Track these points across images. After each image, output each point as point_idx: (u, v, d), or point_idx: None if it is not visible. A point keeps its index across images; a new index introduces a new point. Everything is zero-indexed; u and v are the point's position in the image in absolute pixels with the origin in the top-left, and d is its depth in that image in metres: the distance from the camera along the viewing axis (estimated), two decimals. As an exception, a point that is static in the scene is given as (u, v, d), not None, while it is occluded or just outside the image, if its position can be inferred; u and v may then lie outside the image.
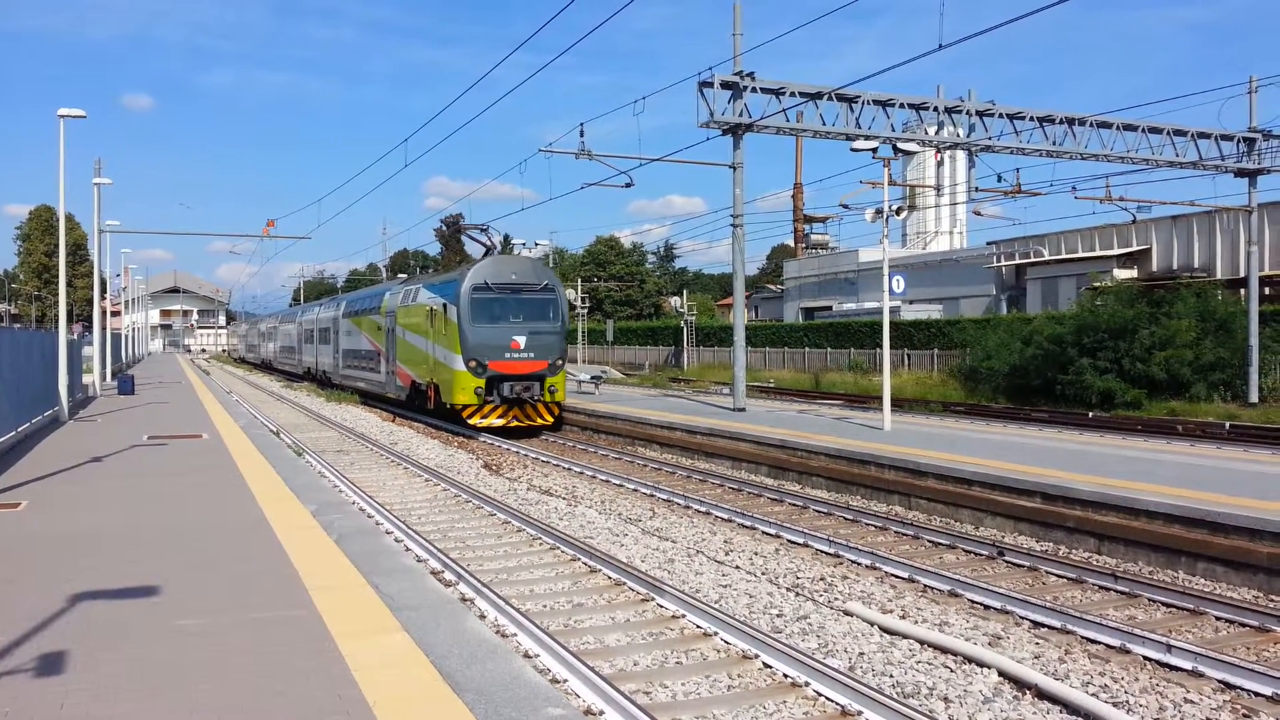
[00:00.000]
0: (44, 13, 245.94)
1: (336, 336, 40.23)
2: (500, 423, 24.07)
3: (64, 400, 24.47)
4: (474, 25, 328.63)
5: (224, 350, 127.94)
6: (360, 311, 36.25)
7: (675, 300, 65.44)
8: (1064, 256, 44.66)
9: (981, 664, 7.48)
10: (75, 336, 34.08)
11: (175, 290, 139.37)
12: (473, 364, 23.60)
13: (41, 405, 22.81)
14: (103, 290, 45.97)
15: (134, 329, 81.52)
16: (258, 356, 74.31)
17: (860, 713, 6.53)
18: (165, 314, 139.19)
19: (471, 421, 23.97)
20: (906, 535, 12.72)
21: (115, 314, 74.65)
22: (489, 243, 27.79)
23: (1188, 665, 7.55)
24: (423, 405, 27.59)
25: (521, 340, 23.92)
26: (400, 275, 57.34)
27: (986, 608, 9.30)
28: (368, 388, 34.86)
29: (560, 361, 24.50)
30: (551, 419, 24.67)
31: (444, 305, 24.91)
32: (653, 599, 9.32)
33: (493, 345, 23.74)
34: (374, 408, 33.97)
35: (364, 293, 40.86)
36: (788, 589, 9.86)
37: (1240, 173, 28.72)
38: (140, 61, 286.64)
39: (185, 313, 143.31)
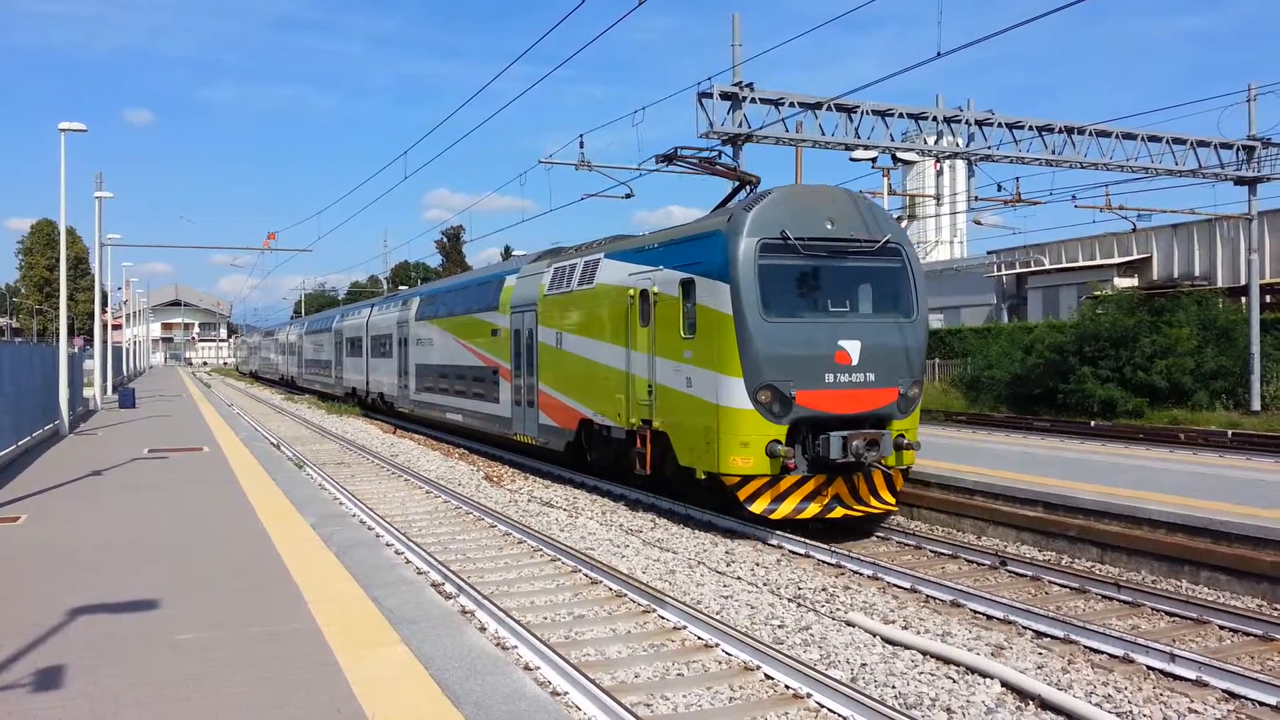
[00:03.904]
0: (46, 27, 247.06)
1: (404, 347, 29.59)
2: (813, 509, 12.86)
3: (64, 414, 24.47)
4: (476, 37, 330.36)
5: (226, 363, 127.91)
6: (452, 310, 25.26)
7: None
8: (1064, 265, 44.66)
9: (984, 674, 7.44)
10: (76, 350, 34.09)
11: (176, 303, 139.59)
12: (764, 396, 12.59)
13: (42, 419, 22.80)
14: (104, 304, 46.04)
15: (135, 342, 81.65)
16: (275, 372, 63.90)
17: (862, 724, 6.49)
18: (166, 327, 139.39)
19: (757, 508, 12.72)
20: (909, 545, 12.68)
21: (116, 327, 74.71)
22: (743, 174, 16.30)
23: (1192, 675, 7.50)
24: (618, 464, 16.42)
25: (853, 349, 13.03)
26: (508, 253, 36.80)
27: (989, 618, 9.26)
28: (473, 423, 23.42)
29: (917, 390, 13.70)
30: (894, 500, 13.53)
31: (683, 283, 13.78)
32: (654, 610, 9.28)
33: (802, 358, 12.80)
34: (375, 419, 33.85)
35: (457, 281, 28.80)
36: (789, 600, 9.83)
37: (1240, 180, 28.73)
38: (142, 76, 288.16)
39: (186, 326, 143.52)
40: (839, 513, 12.99)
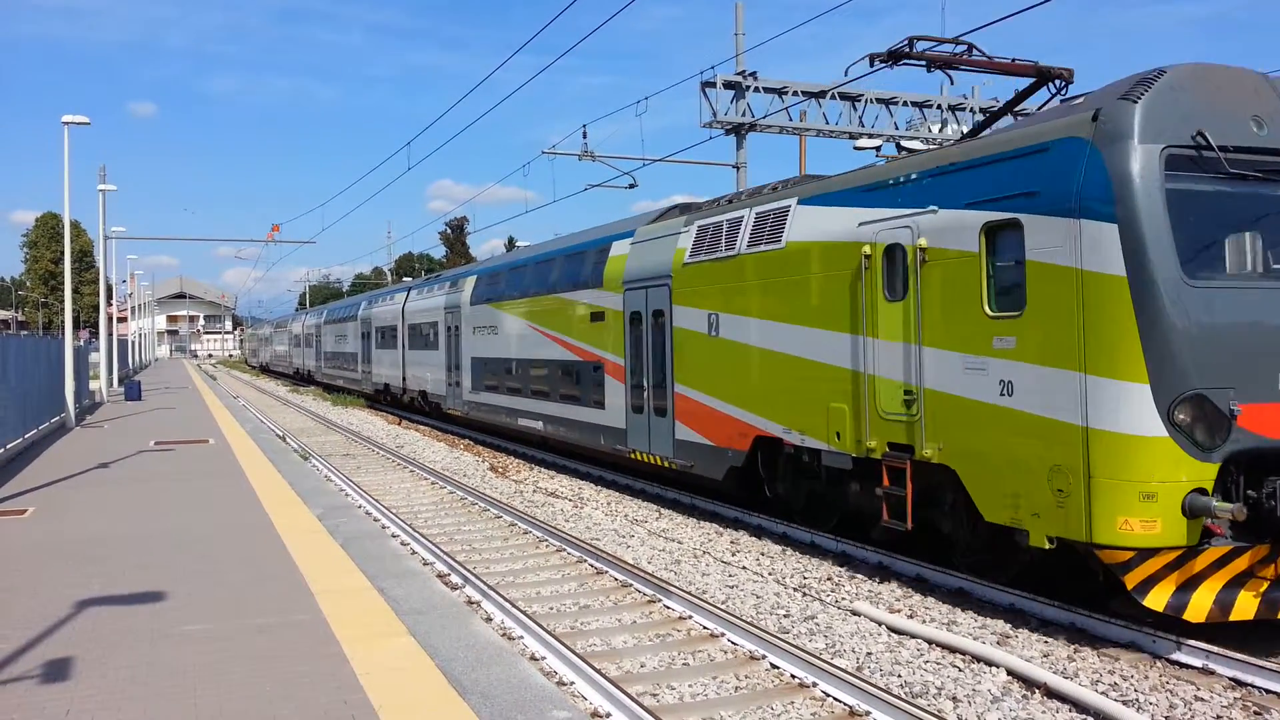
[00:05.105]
0: (49, 20, 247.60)
1: (455, 337, 24.86)
2: (1248, 605, 7.71)
3: (70, 406, 24.55)
4: (479, 28, 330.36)
5: (231, 355, 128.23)
6: (526, 291, 20.24)
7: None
8: (1070, 253, 44.58)
9: (990, 663, 7.44)
10: (82, 343, 34.18)
11: (181, 296, 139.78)
12: (1185, 414, 7.57)
13: (48, 412, 22.87)
14: (109, 296, 46.15)
15: (140, 335, 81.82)
16: (289, 365, 59.75)
17: (868, 713, 6.50)
18: (171, 319, 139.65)
19: (1155, 601, 7.71)
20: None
21: (122, 320, 74.87)
22: (1040, 66, 10.60)
23: (1198, 663, 7.49)
24: (825, 505, 11.89)
25: None
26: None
27: (995, 606, 9.25)
28: (563, 434, 18.32)
29: None
30: None
31: (989, 230, 8.80)
32: (659, 600, 9.29)
33: (1248, 350, 7.80)
34: (380, 410, 33.90)
35: (531, 254, 21.89)
36: (795, 589, 9.83)
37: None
38: (145, 69, 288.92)
39: (191, 318, 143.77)
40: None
